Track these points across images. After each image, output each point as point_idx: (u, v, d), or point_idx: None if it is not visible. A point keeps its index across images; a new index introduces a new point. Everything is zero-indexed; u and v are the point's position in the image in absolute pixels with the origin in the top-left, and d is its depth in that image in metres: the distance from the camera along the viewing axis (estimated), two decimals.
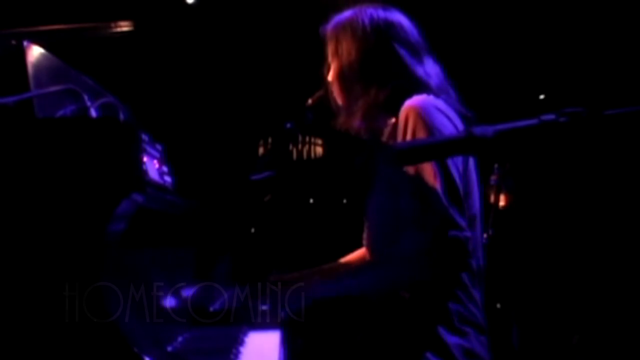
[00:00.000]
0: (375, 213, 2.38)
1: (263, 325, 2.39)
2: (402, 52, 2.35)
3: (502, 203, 1.46)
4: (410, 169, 2.14)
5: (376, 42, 2.35)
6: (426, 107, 2.19)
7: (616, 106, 1.37)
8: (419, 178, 2.11)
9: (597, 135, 1.37)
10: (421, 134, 2.14)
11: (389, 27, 2.37)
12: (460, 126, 2.26)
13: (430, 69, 2.39)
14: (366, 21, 2.39)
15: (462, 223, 2.09)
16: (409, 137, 2.16)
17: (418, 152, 1.43)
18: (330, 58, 2.46)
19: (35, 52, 1.96)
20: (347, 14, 2.44)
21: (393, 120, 2.33)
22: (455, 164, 2.15)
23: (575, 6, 5.26)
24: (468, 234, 2.09)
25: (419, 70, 2.35)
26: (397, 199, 2.21)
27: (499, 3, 5.46)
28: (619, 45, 5.14)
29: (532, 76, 5.56)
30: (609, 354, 4.83)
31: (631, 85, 4.86)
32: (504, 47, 5.54)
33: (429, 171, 2.10)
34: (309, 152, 5.00)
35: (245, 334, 2.32)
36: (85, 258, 1.64)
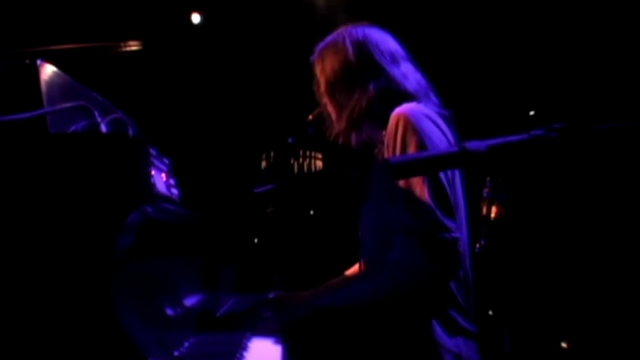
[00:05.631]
0: (368, 224, 2.38)
1: (266, 332, 2.39)
2: (379, 58, 2.40)
3: (493, 215, 1.46)
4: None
5: (354, 52, 2.42)
6: (415, 114, 2.20)
7: (605, 121, 1.38)
8: (407, 185, 2.12)
9: (585, 149, 1.37)
10: (411, 140, 2.14)
11: (366, 39, 2.44)
12: (448, 132, 2.27)
13: (408, 73, 2.43)
14: (346, 37, 2.46)
15: (451, 225, 2.09)
16: (399, 143, 2.16)
17: (413, 166, 1.43)
18: (318, 76, 2.51)
19: (48, 71, 1.96)
20: (330, 36, 2.50)
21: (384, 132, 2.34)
22: (443, 172, 2.16)
23: (564, 23, 5.27)
24: (457, 234, 2.09)
25: (396, 73, 2.39)
26: (388, 210, 2.21)
27: (488, 22, 5.48)
28: (607, 61, 5.15)
29: (523, 93, 5.57)
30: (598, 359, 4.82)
31: (620, 100, 4.87)
32: (495, 65, 5.55)
33: (416, 178, 2.11)
34: (309, 165, 5.00)
35: (249, 339, 2.32)
36: (96, 267, 1.64)
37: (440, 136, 2.20)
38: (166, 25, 5.72)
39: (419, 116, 2.21)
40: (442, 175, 2.14)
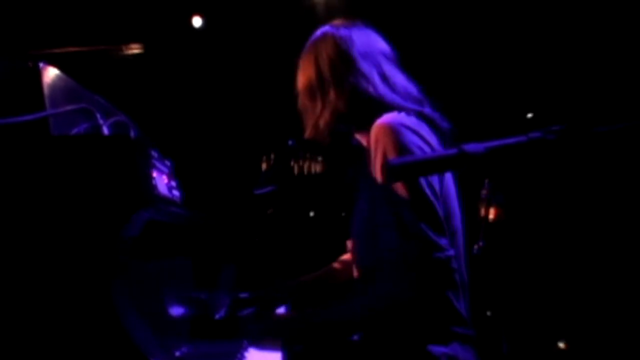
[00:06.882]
0: (359, 224, 2.36)
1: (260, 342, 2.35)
2: (355, 61, 2.32)
3: (491, 216, 1.46)
4: (387, 196, 2.12)
5: (329, 55, 2.35)
6: (395, 126, 2.15)
7: (602, 123, 1.38)
8: (395, 206, 2.09)
9: (583, 151, 1.37)
10: (391, 153, 2.11)
11: (342, 47, 2.35)
12: (433, 139, 2.23)
13: (383, 81, 2.34)
14: (319, 40, 2.40)
15: (444, 243, 2.06)
16: (379, 155, 2.12)
17: (412, 168, 1.43)
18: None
19: (50, 73, 1.96)
20: (310, 40, 2.45)
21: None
22: (430, 185, 2.11)
23: (562, 25, 5.27)
24: (450, 252, 2.06)
25: (369, 87, 2.30)
26: (377, 216, 2.18)
27: (487, 24, 5.48)
28: (605, 63, 5.15)
29: (521, 96, 5.58)
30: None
31: (618, 102, 4.87)
32: (493, 67, 5.55)
33: (403, 198, 2.07)
34: (309, 167, 5.00)
35: None
36: (98, 268, 1.64)
37: (421, 145, 2.15)
38: (167, 28, 5.73)
39: (399, 127, 2.15)
40: (428, 190, 2.10)
